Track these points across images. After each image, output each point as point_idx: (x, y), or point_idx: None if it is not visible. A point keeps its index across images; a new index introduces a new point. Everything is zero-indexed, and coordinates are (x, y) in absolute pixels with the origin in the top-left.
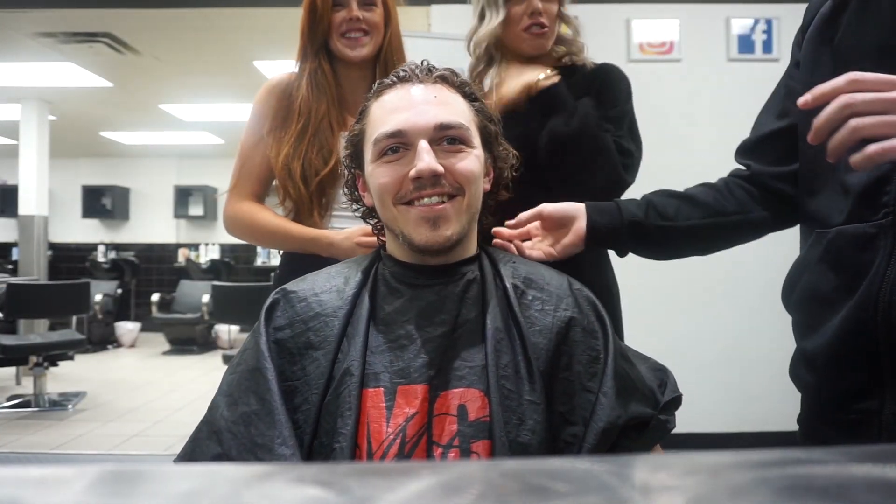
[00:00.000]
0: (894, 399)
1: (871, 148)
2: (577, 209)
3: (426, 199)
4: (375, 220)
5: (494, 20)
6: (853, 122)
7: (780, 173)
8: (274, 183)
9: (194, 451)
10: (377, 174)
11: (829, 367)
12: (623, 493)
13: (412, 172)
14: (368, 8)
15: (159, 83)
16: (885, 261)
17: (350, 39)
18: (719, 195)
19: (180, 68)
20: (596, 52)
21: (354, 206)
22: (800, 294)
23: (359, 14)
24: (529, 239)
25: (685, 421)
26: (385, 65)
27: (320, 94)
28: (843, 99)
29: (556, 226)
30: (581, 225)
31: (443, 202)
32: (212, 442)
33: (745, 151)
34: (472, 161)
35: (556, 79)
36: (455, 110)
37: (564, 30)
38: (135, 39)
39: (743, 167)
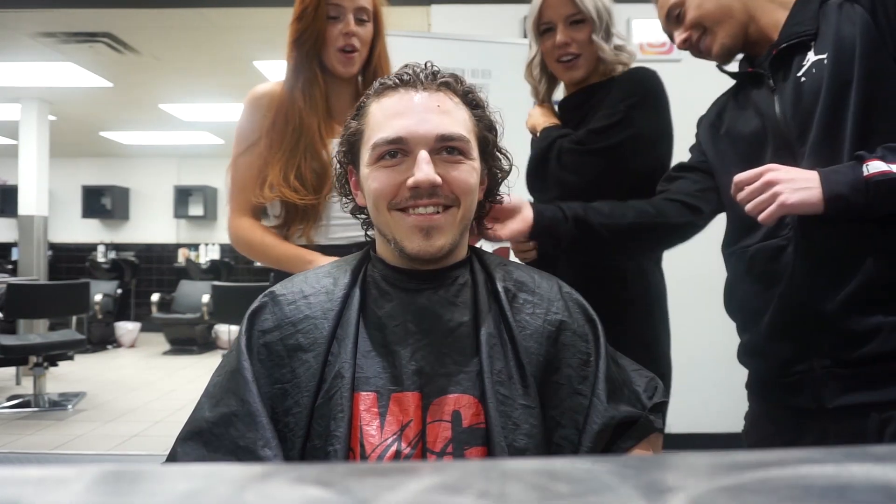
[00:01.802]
0: (819, 361)
1: (763, 215)
2: (522, 203)
3: (421, 209)
4: (364, 217)
5: (531, 53)
6: (750, 206)
7: (692, 192)
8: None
9: (177, 452)
10: (373, 178)
11: (771, 348)
12: (623, 493)
13: (410, 181)
14: (361, 23)
15: (159, 83)
16: (793, 261)
17: (345, 55)
18: (644, 203)
19: (180, 68)
20: None
21: (344, 201)
22: (737, 304)
23: (355, 29)
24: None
25: (685, 421)
26: (374, 78)
27: (313, 108)
28: (742, 195)
29: (504, 216)
30: (528, 214)
31: (437, 212)
32: (194, 443)
33: (666, 180)
34: (469, 173)
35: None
36: (456, 120)
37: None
38: (135, 39)
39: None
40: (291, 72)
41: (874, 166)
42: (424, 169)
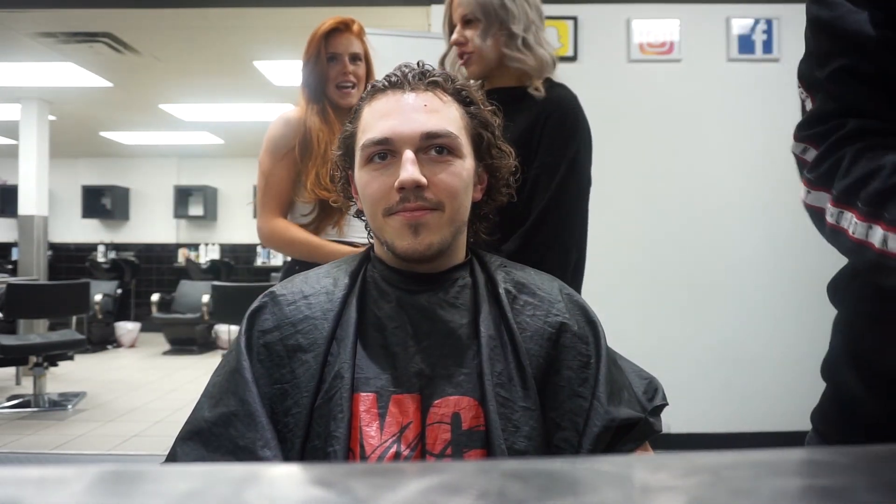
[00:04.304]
0: None
1: None
2: None
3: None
4: (365, 218)
5: (445, 49)
6: None
7: None
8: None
9: (176, 452)
10: (365, 182)
11: None
12: (623, 493)
13: (396, 183)
14: (356, 63)
15: (159, 83)
16: None
17: (342, 90)
18: None
19: (180, 68)
20: (596, 52)
21: (348, 203)
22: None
23: (350, 68)
24: None
25: (685, 421)
26: None
27: (329, 129)
28: None
29: None
30: None
31: (426, 210)
32: (193, 443)
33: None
34: (457, 174)
35: None
36: (444, 118)
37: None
38: (135, 39)
39: None
40: (306, 103)
41: None
42: (409, 169)
